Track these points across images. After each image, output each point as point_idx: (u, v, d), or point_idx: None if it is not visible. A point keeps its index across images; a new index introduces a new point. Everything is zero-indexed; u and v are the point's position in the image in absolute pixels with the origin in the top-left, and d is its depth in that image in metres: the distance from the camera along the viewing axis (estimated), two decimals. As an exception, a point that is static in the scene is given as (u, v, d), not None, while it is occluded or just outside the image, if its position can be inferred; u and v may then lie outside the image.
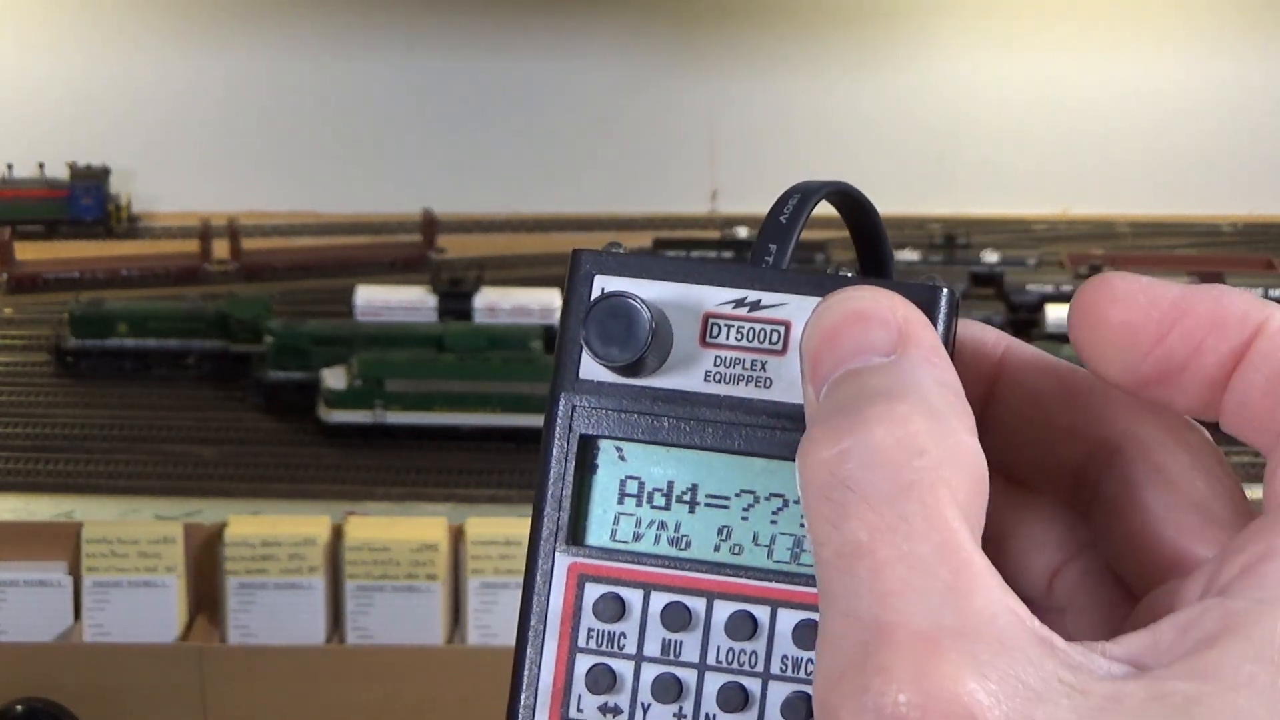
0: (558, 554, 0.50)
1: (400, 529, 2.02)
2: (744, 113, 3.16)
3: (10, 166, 3.15)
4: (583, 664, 0.50)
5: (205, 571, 2.03)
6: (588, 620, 0.50)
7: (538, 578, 0.50)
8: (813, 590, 0.47)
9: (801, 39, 3.28)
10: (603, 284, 0.50)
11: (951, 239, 2.99)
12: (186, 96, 3.19)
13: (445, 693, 1.96)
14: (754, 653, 0.49)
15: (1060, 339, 2.53)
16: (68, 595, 2.02)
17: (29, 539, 2.05)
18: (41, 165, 3.15)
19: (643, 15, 3.18)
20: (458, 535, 2.02)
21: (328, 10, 3.18)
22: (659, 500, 0.50)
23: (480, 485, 2.24)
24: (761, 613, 0.49)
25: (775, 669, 0.49)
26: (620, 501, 0.50)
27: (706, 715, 0.49)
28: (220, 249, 2.98)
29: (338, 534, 2.02)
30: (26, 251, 3.01)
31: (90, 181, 3.13)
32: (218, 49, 3.18)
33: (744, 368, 0.49)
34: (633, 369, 0.49)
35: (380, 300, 2.63)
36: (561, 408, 0.50)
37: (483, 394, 2.34)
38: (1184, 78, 3.20)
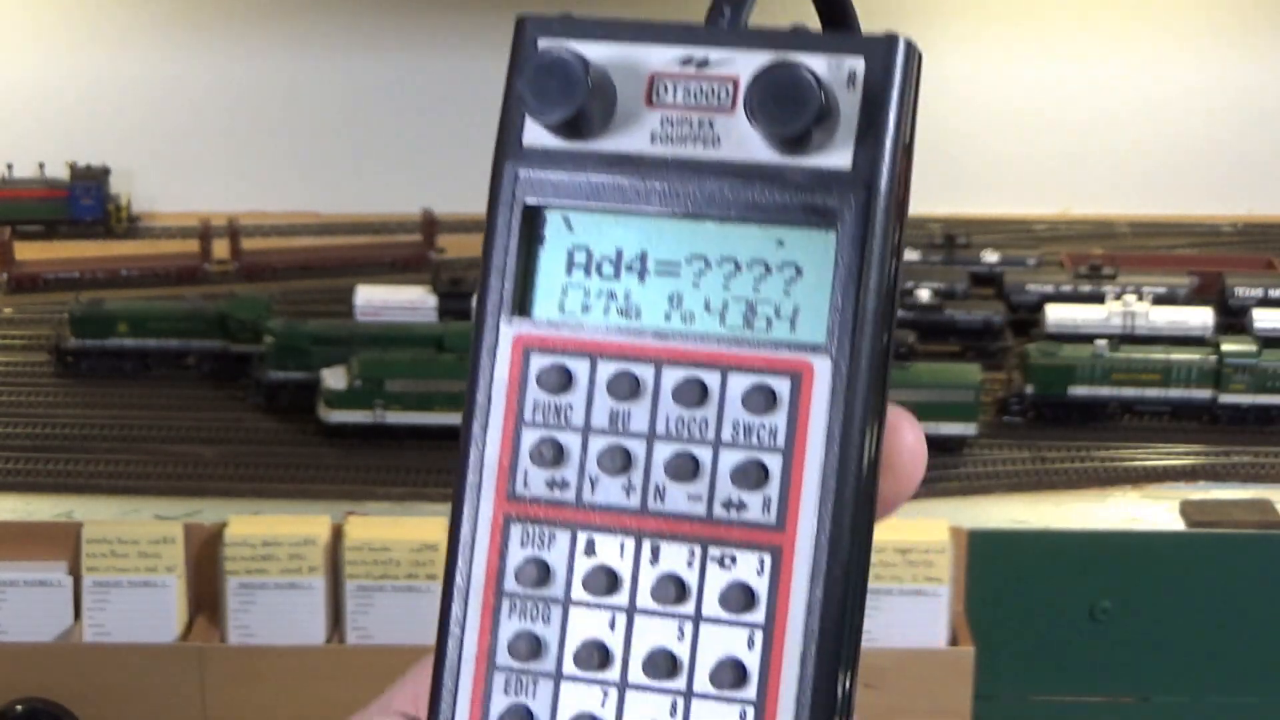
0: (502, 326, 0.49)
1: (400, 529, 2.02)
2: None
3: (10, 166, 3.15)
4: (529, 438, 0.49)
5: (205, 571, 2.03)
6: (533, 393, 0.49)
7: (483, 351, 0.49)
8: (765, 354, 0.47)
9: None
10: (544, 44, 0.49)
11: (951, 239, 2.99)
12: (186, 96, 3.19)
13: (445, 693, 1.96)
14: (704, 420, 0.47)
15: (1060, 339, 2.53)
16: (68, 595, 2.02)
17: (29, 539, 2.05)
18: (41, 165, 3.14)
19: (643, 15, 3.18)
20: (458, 535, 2.02)
21: (328, 10, 3.18)
22: (608, 270, 0.49)
23: (480, 485, 2.24)
24: (712, 379, 0.48)
25: (726, 436, 0.47)
26: (569, 273, 0.49)
27: (656, 486, 0.48)
28: (220, 249, 2.98)
29: (338, 534, 2.01)
30: (26, 251, 3.00)
31: (90, 181, 3.13)
32: (218, 49, 3.18)
33: (691, 127, 0.48)
34: (574, 129, 0.48)
35: (380, 300, 2.63)
36: (505, 176, 0.49)
37: (483, 394, 2.34)
38: (1185, 78, 3.20)
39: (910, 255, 2.92)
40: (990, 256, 2.92)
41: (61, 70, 3.17)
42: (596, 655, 0.48)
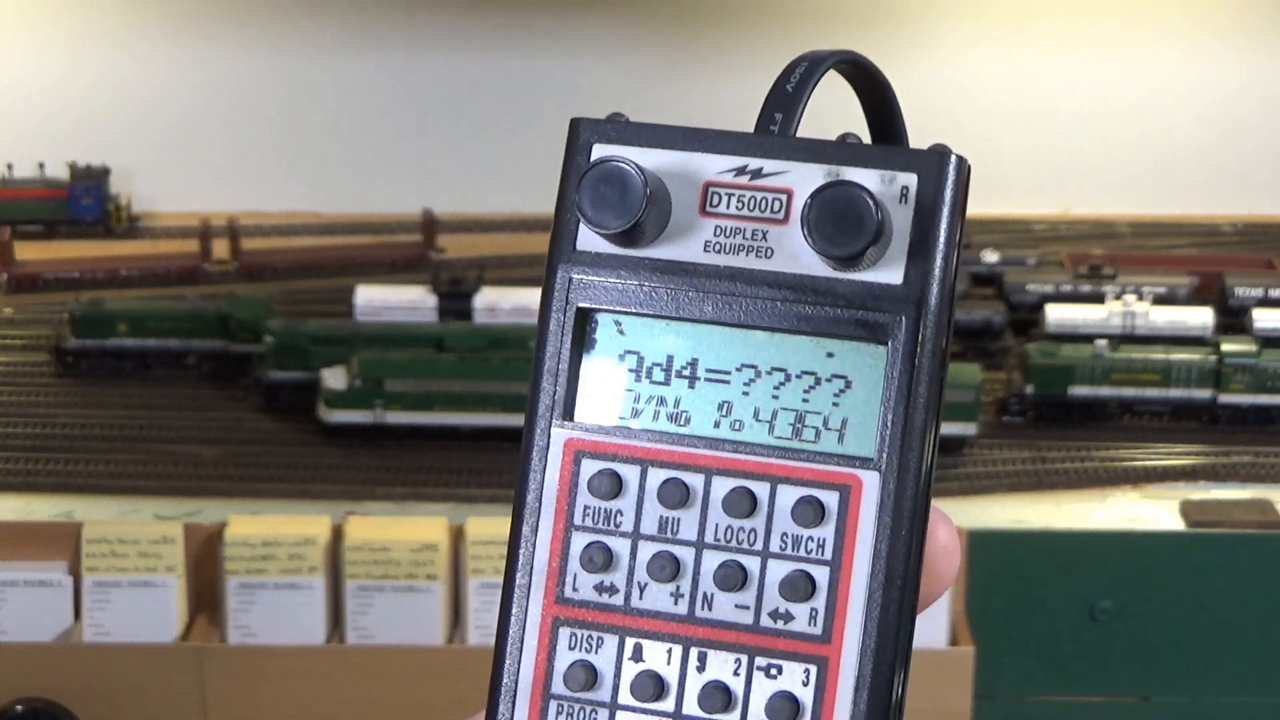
0: (554, 430, 0.49)
1: (400, 529, 2.02)
2: (745, 112, 3.15)
3: (10, 166, 3.15)
4: (579, 542, 0.49)
5: (205, 571, 2.03)
6: (584, 498, 0.49)
7: (534, 454, 0.49)
8: (814, 466, 0.48)
9: (802, 39, 3.28)
10: (600, 151, 0.49)
11: (951, 239, 2.99)
12: (186, 97, 3.19)
13: (445, 693, 1.96)
14: (753, 530, 0.48)
15: (1060, 339, 2.53)
16: (68, 595, 2.02)
17: (29, 539, 2.05)
18: (41, 165, 3.15)
19: (643, 15, 3.18)
20: (458, 535, 2.02)
21: (328, 11, 3.18)
22: (658, 375, 0.49)
23: (480, 485, 2.24)
24: (761, 489, 0.48)
25: (775, 547, 0.48)
26: (620, 377, 0.50)
27: (704, 594, 0.48)
28: (220, 249, 2.98)
29: (338, 534, 2.01)
30: (26, 251, 3.00)
31: (90, 181, 3.13)
32: (218, 49, 3.18)
33: (745, 237, 0.48)
34: (629, 238, 0.48)
35: (380, 300, 2.63)
36: (559, 279, 0.49)
37: (483, 394, 2.34)
38: (1184, 78, 3.20)
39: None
40: (990, 256, 2.92)
41: (62, 70, 3.17)
42: None
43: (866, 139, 0.51)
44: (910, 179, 0.48)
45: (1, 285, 2.91)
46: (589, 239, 0.49)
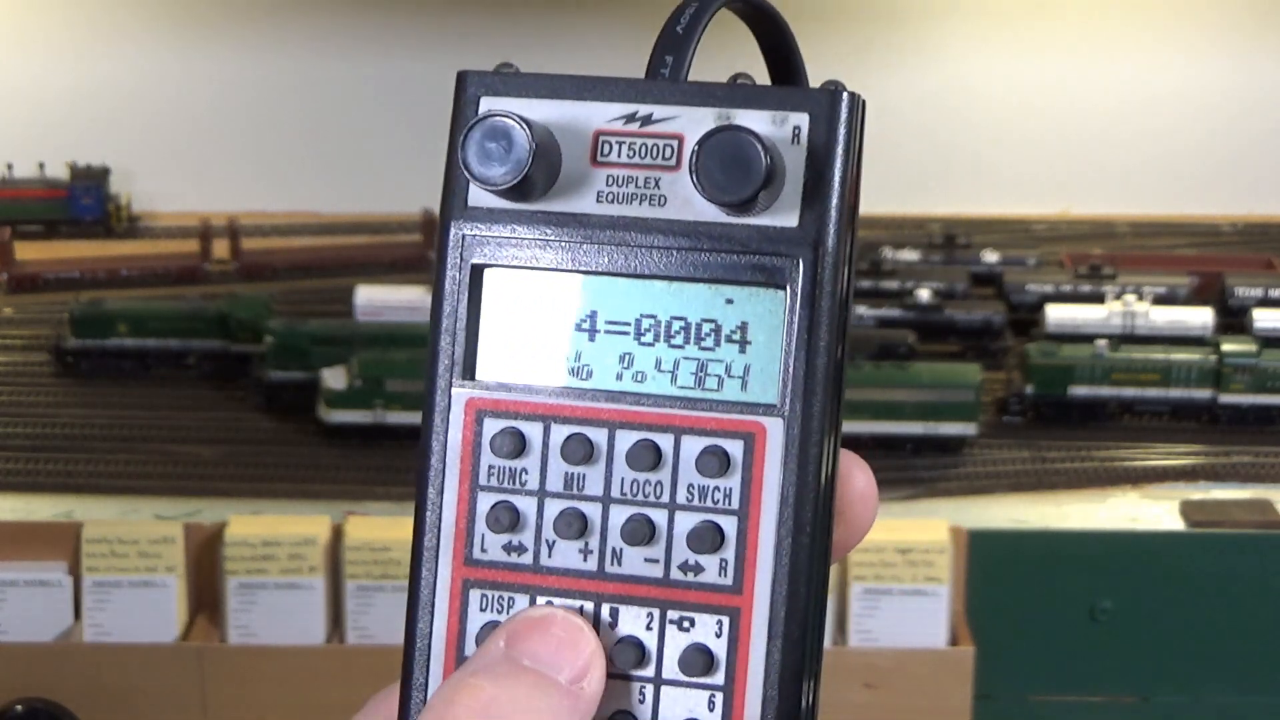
0: (454, 389, 0.49)
1: (400, 529, 2.02)
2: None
3: (10, 166, 3.15)
4: (485, 502, 0.48)
5: (205, 571, 2.03)
6: (487, 457, 0.48)
7: (435, 415, 0.49)
8: (717, 415, 0.47)
9: (801, 39, 3.27)
10: (487, 105, 0.48)
11: (951, 239, 2.99)
12: (186, 97, 3.19)
13: (445, 693, 1.96)
14: (659, 483, 0.47)
15: (1060, 339, 2.53)
16: (68, 595, 2.02)
17: (29, 539, 2.05)
18: (41, 165, 3.14)
19: (641, 14, 3.18)
20: (458, 535, 2.01)
21: (328, 11, 3.18)
22: (557, 330, 0.49)
23: (480, 485, 2.24)
24: (665, 441, 0.47)
25: (681, 499, 0.47)
26: (518, 333, 0.49)
27: (613, 549, 0.48)
28: (220, 249, 2.98)
29: (338, 534, 2.01)
30: (26, 251, 3.00)
31: (90, 181, 3.13)
32: (218, 49, 3.18)
33: (637, 186, 0.48)
34: (520, 192, 0.47)
35: (380, 300, 2.63)
36: (452, 237, 0.49)
37: (483, 394, 2.34)
38: (1184, 78, 3.20)
39: (910, 255, 2.92)
40: (990, 256, 2.92)
41: (62, 70, 3.17)
42: None
43: (765, 80, 0.51)
44: (802, 119, 0.47)
45: (1, 285, 2.91)
46: (480, 195, 0.48)
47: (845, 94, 0.47)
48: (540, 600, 0.48)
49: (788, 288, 0.47)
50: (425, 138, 3.19)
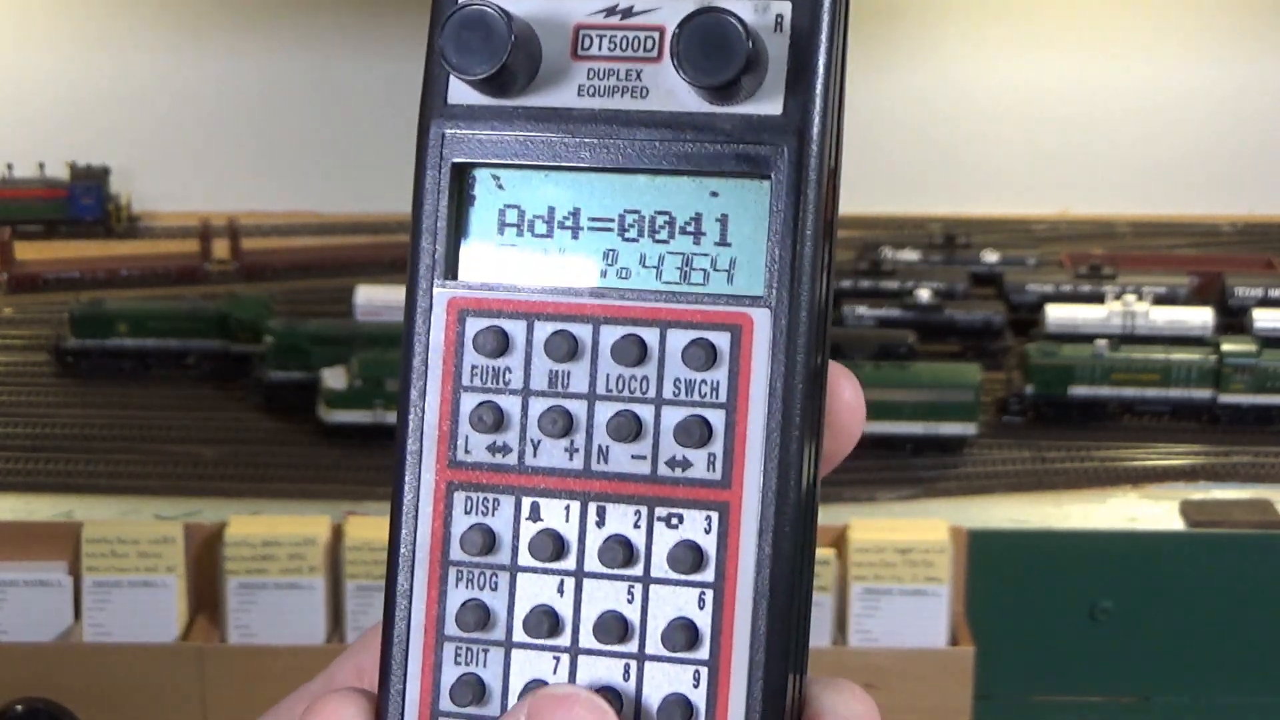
0: (436, 289, 0.48)
1: (400, 529, 2.02)
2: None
3: (10, 166, 3.15)
4: (468, 403, 0.48)
5: (205, 571, 2.03)
6: (470, 357, 0.48)
7: (417, 316, 0.48)
8: (703, 308, 0.46)
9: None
10: None
11: (951, 239, 2.99)
12: (186, 96, 3.19)
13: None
14: (645, 378, 0.47)
15: (1060, 339, 2.53)
16: (68, 595, 2.02)
17: (29, 539, 2.05)
18: (41, 165, 3.14)
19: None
20: (458, 535, 2.01)
21: (328, 10, 3.18)
22: (540, 228, 0.48)
23: (480, 485, 2.24)
24: (650, 335, 0.47)
25: (668, 393, 0.47)
26: (501, 232, 0.48)
27: (599, 447, 0.47)
28: (220, 249, 2.98)
29: (338, 534, 2.01)
30: (26, 251, 3.00)
31: (90, 181, 3.13)
32: (217, 49, 3.18)
33: (619, 78, 0.47)
34: (499, 86, 0.47)
35: (380, 300, 2.63)
36: (432, 135, 0.48)
37: (483, 394, 2.34)
38: (1184, 78, 3.19)
39: (910, 255, 2.92)
40: (990, 256, 2.92)
41: (62, 70, 3.17)
42: (546, 622, 0.47)
43: None
44: (784, 6, 0.46)
45: (1, 285, 2.91)
46: (460, 91, 0.48)
47: None
48: (526, 502, 0.47)
49: (772, 177, 0.46)
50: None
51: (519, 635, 0.48)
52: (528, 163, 0.48)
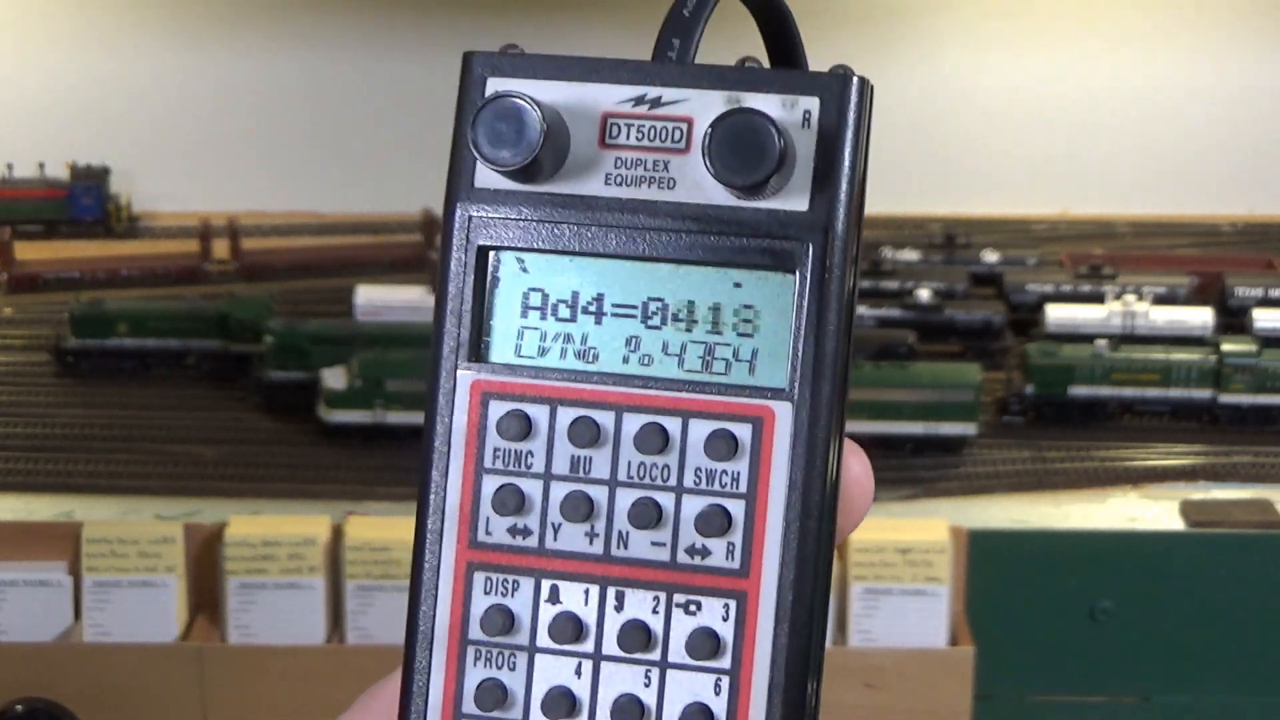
0: (460, 371, 0.48)
1: (400, 529, 2.02)
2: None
3: (10, 166, 3.15)
4: (489, 485, 0.48)
5: (205, 571, 2.03)
6: (493, 439, 0.48)
7: (440, 397, 0.48)
8: (726, 399, 0.47)
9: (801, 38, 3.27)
10: (495, 86, 0.48)
11: (951, 239, 2.99)
12: (186, 96, 3.19)
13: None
14: (666, 466, 0.47)
15: (1060, 339, 2.53)
16: (68, 595, 2.02)
17: (29, 539, 2.05)
18: (41, 165, 3.14)
19: (641, 14, 3.18)
20: (458, 535, 2.01)
21: (328, 10, 3.18)
22: (564, 312, 0.48)
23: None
24: (673, 424, 0.47)
25: (689, 482, 0.47)
26: (524, 315, 0.49)
27: (620, 532, 0.47)
28: (220, 249, 2.98)
29: (338, 534, 2.01)
30: (26, 251, 3.00)
31: (90, 181, 3.13)
32: (217, 49, 3.18)
33: (646, 169, 0.47)
34: (528, 174, 0.47)
35: (380, 300, 2.63)
36: (458, 218, 0.48)
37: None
38: (1184, 78, 3.19)
39: (910, 255, 2.92)
40: (990, 256, 2.92)
41: (62, 70, 3.17)
42: (564, 703, 0.48)
43: (767, 64, 0.51)
44: (813, 103, 0.47)
45: (1, 285, 2.91)
46: (487, 176, 0.48)
47: (855, 78, 0.47)
48: (545, 584, 0.48)
49: (797, 271, 0.47)
50: (425, 137, 3.18)
51: (536, 715, 0.48)
52: (553, 248, 0.48)
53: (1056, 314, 2.61)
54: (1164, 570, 2.11)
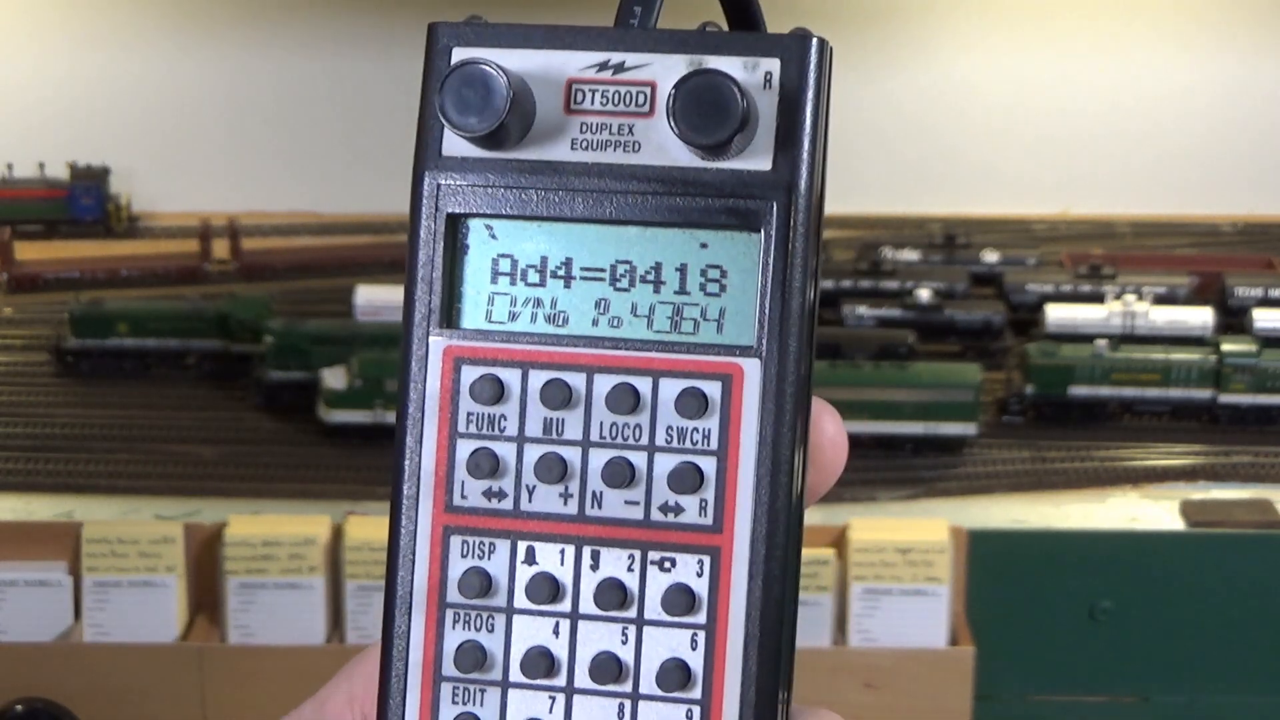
0: (431, 338, 0.49)
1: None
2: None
3: (10, 166, 3.15)
4: (464, 449, 0.49)
5: (205, 571, 2.03)
6: (466, 404, 0.49)
7: (413, 364, 0.49)
8: (695, 358, 0.48)
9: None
10: (460, 54, 0.49)
11: (951, 239, 2.99)
12: (186, 96, 3.19)
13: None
14: (638, 425, 0.48)
15: (1060, 338, 2.53)
16: (68, 595, 2.02)
17: (29, 539, 2.05)
18: (41, 165, 3.15)
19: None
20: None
21: (328, 11, 3.18)
22: (533, 277, 0.49)
23: (480, 485, 2.24)
24: (643, 384, 0.48)
25: (660, 440, 0.48)
26: (494, 281, 0.49)
27: (593, 493, 0.48)
28: (220, 249, 2.98)
29: (338, 534, 2.01)
30: (26, 251, 3.01)
31: (90, 181, 3.13)
32: (218, 49, 3.18)
33: (611, 133, 0.48)
34: (495, 140, 0.48)
35: (380, 300, 2.63)
36: (426, 186, 0.49)
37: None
38: (1184, 78, 3.20)
39: (910, 255, 2.92)
40: (990, 256, 2.92)
41: (61, 70, 3.17)
42: (543, 663, 0.48)
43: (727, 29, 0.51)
44: (773, 64, 0.47)
45: (1, 285, 2.91)
46: (454, 144, 0.49)
47: (814, 39, 0.48)
48: (521, 546, 0.48)
49: (762, 230, 0.47)
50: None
51: (515, 676, 0.49)
52: (521, 214, 0.49)
53: (1056, 314, 2.61)
54: (1164, 570, 2.11)
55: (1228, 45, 3.18)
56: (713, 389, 0.48)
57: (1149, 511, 2.18)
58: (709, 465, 0.48)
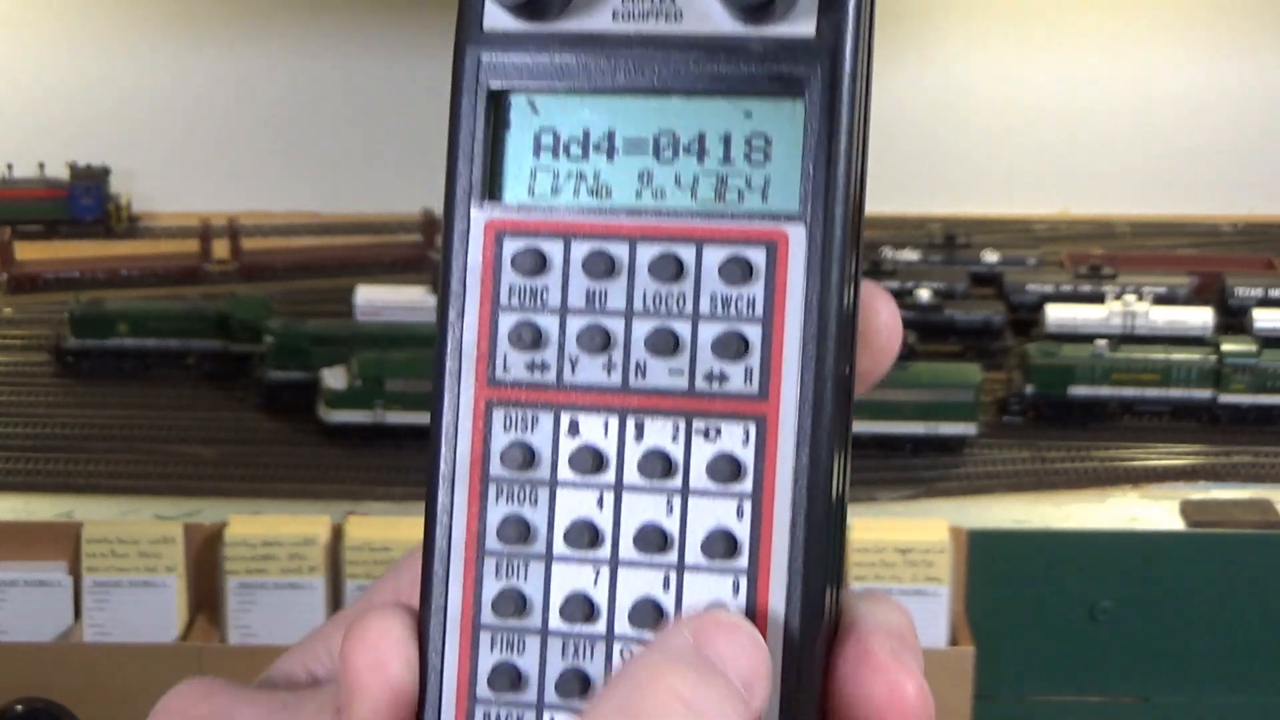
0: (473, 211, 0.49)
1: (400, 529, 2.02)
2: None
3: (10, 166, 3.15)
4: (506, 322, 0.48)
5: (205, 571, 2.03)
6: (508, 277, 0.48)
7: (455, 238, 0.49)
8: (739, 225, 0.47)
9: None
10: None
11: (951, 239, 2.99)
12: (186, 97, 3.19)
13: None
14: (681, 294, 0.47)
15: (1060, 339, 2.53)
16: (68, 595, 2.02)
17: (29, 539, 2.05)
18: (41, 165, 3.15)
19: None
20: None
21: (328, 11, 3.18)
22: (576, 150, 0.49)
23: (480, 485, 2.24)
24: (687, 252, 0.47)
25: (704, 309, 0.47)
26: (536, 155, 0.49)
27: (636, 363, 0.48)
28: (220, 249, 2.98)
29: (338, 534, 2.01)
30: (26, 251, 3.00)
31: (90, 181, 3.13)
32: (218, 49, 3.18)
33: (653, 2, 0.48)
34: (536, 11, 0.47)
35: (380, 300, 2.63)
36: (468, 62, 0.49)
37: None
38: (1184, 78, 3.20)
39: (910, 255, 2.92)
40: (990, 256, 2.92)
41: (62, 70, 3.17)
42: (586, 534, 0.48)
43: None
44: None
45: (1, 285, 2.91)
46: (495, 17, 0.48)
47: None
48: (565, 417, 0.48)
49: (806, 96, 0.47)
50: (425, 137, 3.19)
51: (559, 548, 0.48)
52: (563, 86, 0.48)
53: (1056, 314, 2.61)
54: (1164, 570, 2.11)
55: (1228, 45, 3.18)
56: (757, 255, 0.47)
57: (1149, 511, 2.18)
58: (754, 332, 0.47)
